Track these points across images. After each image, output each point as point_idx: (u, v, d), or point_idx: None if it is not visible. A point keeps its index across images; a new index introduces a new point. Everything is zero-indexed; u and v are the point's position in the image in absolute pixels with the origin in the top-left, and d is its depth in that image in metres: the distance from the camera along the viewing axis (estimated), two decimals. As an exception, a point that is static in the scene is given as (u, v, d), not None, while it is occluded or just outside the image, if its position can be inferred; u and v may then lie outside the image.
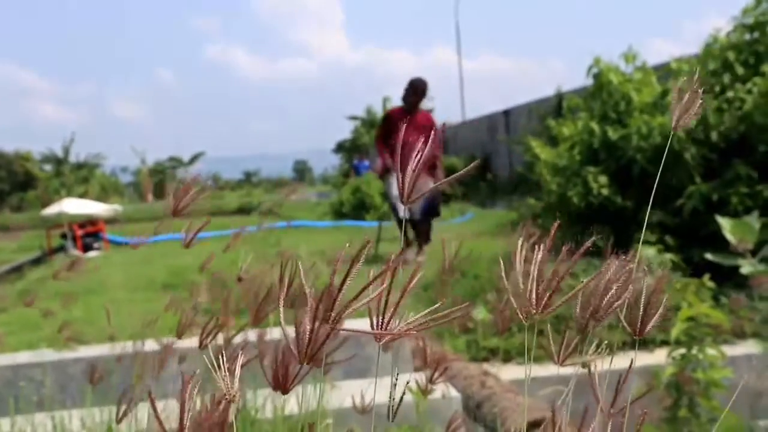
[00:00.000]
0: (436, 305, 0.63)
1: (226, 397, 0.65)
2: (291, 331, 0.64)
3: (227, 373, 0.64)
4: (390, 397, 0.72)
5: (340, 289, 0.60)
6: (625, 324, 0.71)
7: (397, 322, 0.63)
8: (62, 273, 1.24)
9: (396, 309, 0.60)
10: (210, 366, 0.65)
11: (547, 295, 0.65)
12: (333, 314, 0.59)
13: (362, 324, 0.65)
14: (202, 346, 1.34)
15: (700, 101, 0.67)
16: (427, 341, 1.67)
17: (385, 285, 0.61)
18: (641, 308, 0.70)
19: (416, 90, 7.41)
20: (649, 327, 0.70)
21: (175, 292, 5.92)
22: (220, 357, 0.64)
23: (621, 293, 0.68)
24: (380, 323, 0.62)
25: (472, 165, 0.80)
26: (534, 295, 0.66)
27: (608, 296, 0.68)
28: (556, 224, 0.74)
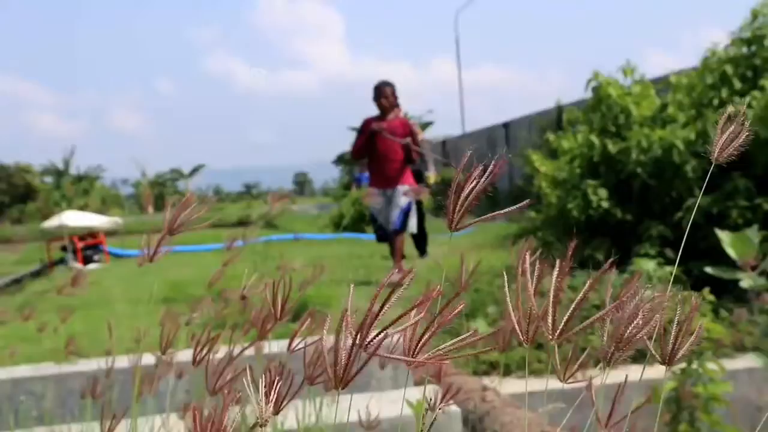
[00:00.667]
0: (463, 336, 0.63)
1: (260, 421, 0.64)
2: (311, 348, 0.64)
3: (263, 397, 0.64)
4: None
5: (377, 316, 0.59)
6: (654, 353, 0.69)
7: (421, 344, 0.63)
8: (66, 288, 1.24)
9: (428, 339, 0.60)
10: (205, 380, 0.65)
11: (565, 320, 0.65)
12: (369, 340, 0.59)
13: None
14: (196, 362, 1.34)
15: (746, 134, 0.66)
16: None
17: (420, 314, 0.61)
18: (672, 337, 0.68)
19: (381, 93, 7.34)
20: (679, 355, 0.69)
21: (175, 306, 5.91)
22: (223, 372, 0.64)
23: (647, 322, 0.66)
24: (412, 350, 0.61)
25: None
26: (551, 321, 0.65)
27: (634, 325, 0.66)
28: (572, 244, 0.73)
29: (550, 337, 0.65)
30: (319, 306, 5.36)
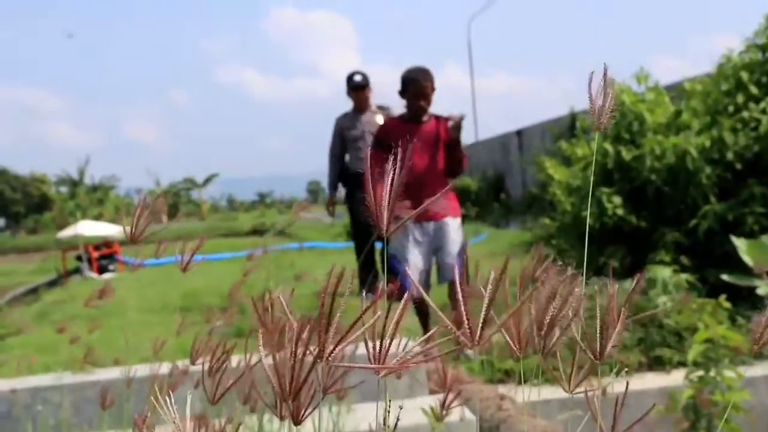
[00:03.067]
0: (432, 331, 0.63)
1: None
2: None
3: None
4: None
5: (329, 322, 0.55)
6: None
7: (397, 349, 0.62)
8: (93, 301, 1.25)
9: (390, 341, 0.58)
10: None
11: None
12: (327, 348, 0.57)
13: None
14: (213, 371, 1.34)
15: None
16: (442, 364, 1.67)
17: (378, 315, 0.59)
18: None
19: (420, 92, 4.86)
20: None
21: (190, 315, 5.94)
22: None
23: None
24: (378, 355, 0.60)
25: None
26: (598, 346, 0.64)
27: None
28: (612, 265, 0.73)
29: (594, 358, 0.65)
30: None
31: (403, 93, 4.96)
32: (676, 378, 3.75)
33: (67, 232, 15.47)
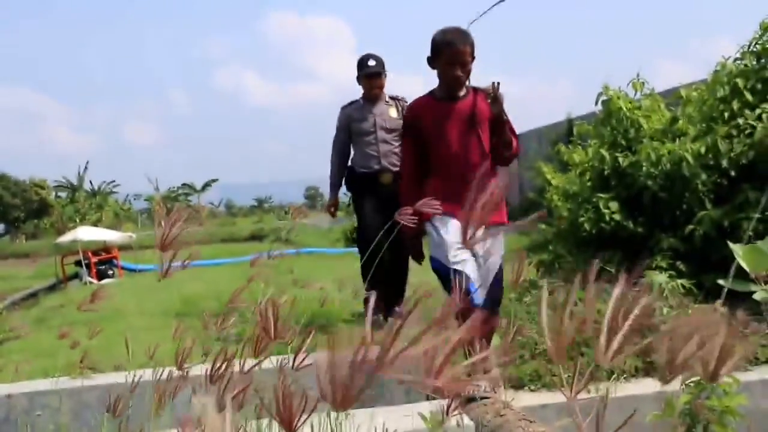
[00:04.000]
0: (478, 357, 0.58)
1: None
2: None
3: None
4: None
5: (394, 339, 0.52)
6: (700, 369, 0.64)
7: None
8: (86, 304, 1.27)
9: (447, 360, 0.53)
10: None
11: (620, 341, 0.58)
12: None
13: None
14: (213, 379, 1.35)
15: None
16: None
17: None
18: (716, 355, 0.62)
19: (445, 52, 3.68)
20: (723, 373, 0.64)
21: (188, 320, 5.95)
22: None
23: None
24: (432, 372, 0.55)
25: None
26: (607, 343, 0.59)
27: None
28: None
29: (605, 359, 0.62)
30: (332, 320, 5.39)
31: (433, 61, 3.76)
32: (672, 383, 3.77)
33: (66, 238, 15.48)
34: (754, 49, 5.68)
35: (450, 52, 3.69)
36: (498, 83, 3.67)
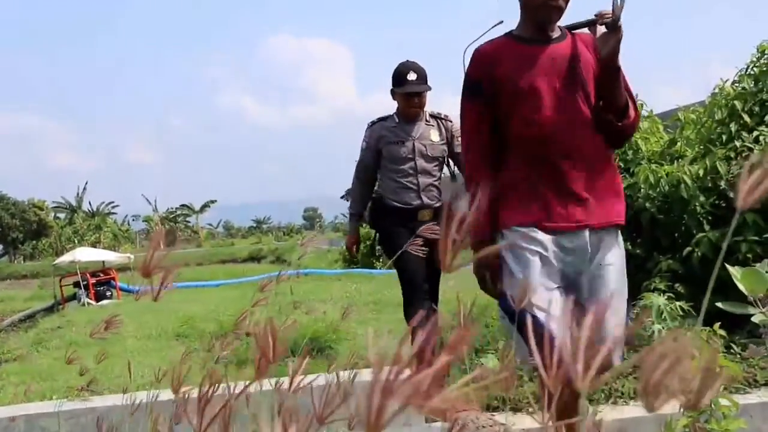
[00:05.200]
0: (472, 376, 0.57)
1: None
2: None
3: None
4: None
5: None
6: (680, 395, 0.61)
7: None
8: (99, 332, 1.27)
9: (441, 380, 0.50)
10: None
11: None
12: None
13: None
14: (202, 402, 1.35)
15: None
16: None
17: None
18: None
19: None
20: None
21: (187, 342, 5.94)
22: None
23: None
24: (424, 393, 0.53)
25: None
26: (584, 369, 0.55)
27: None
28: None
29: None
30: (329, 342, 5.38)
31: None
32: (671, 406, 3.76)
33: (64, 259, 15.47)
34: (752, 72, 5.73)
35: None
36: (619, 9, 2.29)
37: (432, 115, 4.48)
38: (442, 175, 4.54)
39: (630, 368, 4.04)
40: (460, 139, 3.66)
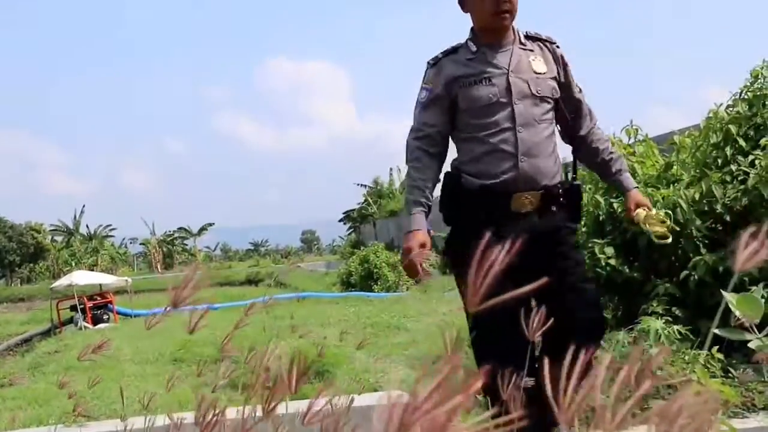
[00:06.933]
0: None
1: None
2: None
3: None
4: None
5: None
6: None
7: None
8: (87, 354, 1.28)
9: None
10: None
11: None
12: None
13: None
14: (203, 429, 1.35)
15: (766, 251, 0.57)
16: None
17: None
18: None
19: None
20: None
21: (184, 366, 5.92)
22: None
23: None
24: None
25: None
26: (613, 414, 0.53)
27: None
28: None
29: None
30: (327, 366, 5.37)
31: None
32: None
33: (61, 282, 15.43)
34: (746, 96, 5.77)
35: None
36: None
37: (529, 36, 2.86)
38: (554, 136, 2.87)
39: (628, 393, 4.03)
40: (572, 75, 2.91)
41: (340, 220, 43.15)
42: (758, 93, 5.66)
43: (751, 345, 3.82)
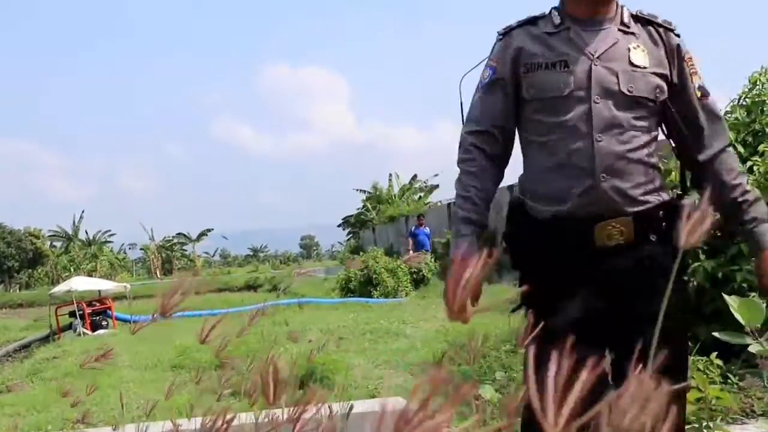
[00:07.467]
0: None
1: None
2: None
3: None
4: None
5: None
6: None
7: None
8: (90, 363, 1.28)
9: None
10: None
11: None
12: None
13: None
14: None
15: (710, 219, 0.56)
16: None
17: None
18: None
19: None
20: None
21: (183, 373, 5.91)
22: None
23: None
24: None
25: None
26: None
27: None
28: None
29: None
30: (326, 373, 5.36)
31: None
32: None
33: (60, 288, 15.41)
34: (744, 103, 5.78)
35: None
36: None
37: (637, 17, 2.10)
38: (654, 145, 2.15)
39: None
40: (694, 74, 2.10)
41: (338, 226, 43.11)
42: (756, 99, 5.67)
43: (751, 349, 3.82)
